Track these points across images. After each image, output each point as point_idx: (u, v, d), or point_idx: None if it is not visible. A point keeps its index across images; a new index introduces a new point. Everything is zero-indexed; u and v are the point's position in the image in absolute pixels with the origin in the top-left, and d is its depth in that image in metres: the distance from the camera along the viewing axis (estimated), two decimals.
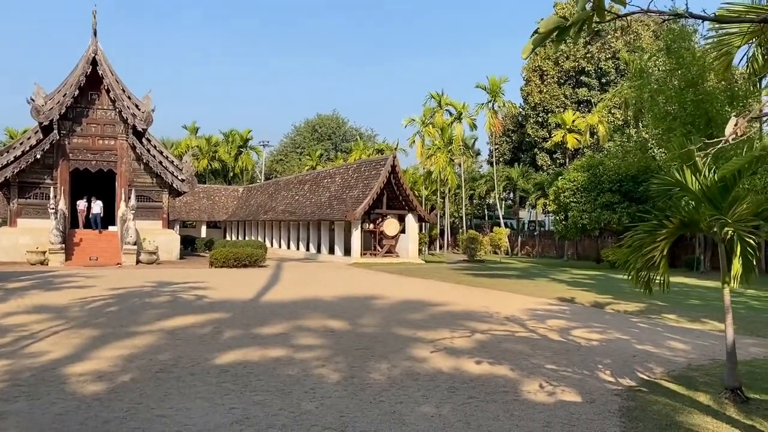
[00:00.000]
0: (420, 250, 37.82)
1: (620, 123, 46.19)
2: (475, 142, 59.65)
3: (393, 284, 21.02)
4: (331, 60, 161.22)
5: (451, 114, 52.03)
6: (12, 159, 30.06)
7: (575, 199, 32.57)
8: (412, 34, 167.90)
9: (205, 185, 60.59)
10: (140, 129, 31.88)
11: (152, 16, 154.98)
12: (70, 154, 31.36)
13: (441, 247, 54.43)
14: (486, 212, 67.06)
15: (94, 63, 31.22)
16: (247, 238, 50.44)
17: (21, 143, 31.98)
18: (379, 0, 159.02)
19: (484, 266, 33.10)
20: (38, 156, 30.03)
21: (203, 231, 55.52)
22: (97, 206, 32.23)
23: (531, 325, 12.13)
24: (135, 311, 13.17)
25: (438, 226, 52.72)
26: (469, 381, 7.56)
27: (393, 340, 10.28)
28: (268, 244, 44.02)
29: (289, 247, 44.38)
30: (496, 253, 45.33)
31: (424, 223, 42.81)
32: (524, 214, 65.39)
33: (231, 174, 74.58)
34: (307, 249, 41.03)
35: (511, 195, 61.02)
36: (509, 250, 48.33)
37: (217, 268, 27.39)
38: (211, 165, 71.88)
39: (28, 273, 22.37)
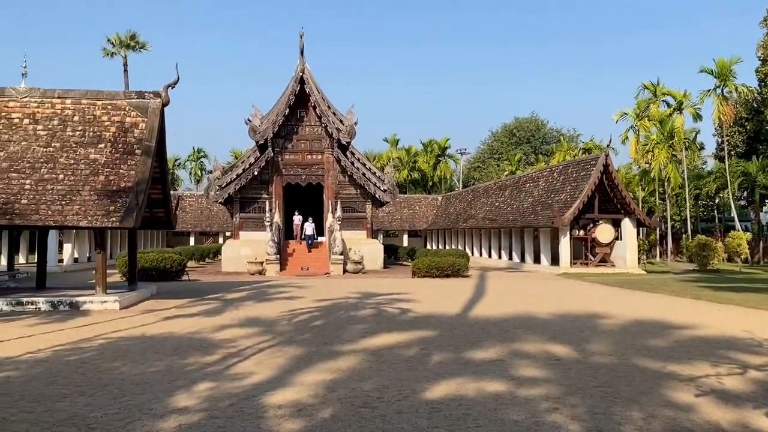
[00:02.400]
0: (638, 259, 33.84)
1: None
2: (696, 135, 52.65)
3: (615, 299, 18.43)
4: (528, 59, 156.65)
5: (668, 104, 46.52)
6: (234, 177, 32.58)
7: None
8: (614, 28, 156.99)
9: (406, 195, 61.43)
10: (344, 142, 32.71)
11: (353, 34, 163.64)
12: (283, 170, 33.13)
13: (661, 255, 48.83)
14: (715, 214, 59.08)
15: (301, 82, 32.71)
16: (447, 247, 49.83)
17: (242, 162, 34.63)
18: None
19: (723, 277, 28.42)
20: (255, 173, 32.15)
21: (405, 240, 56.17)
22: (310, 227, 32.57)
23: None
24: (340, 326, 12.60)
25: (657, 231, 47.35)
26: None
27: (638, 375, 8.24)
28: (468, 252, 42.83)
29: (490, 256, 42.75)
30: (731, 261, 39.22)
31: (641, 228, 38.53)
32: (761, 216, 56.37)
33: (430, 183, 75.08)
34: (510, 258, 39.05)
35: (745, 193, 52.97)
36: (749, 257, 41.58)
37: (419, 277, 26.77)
38: (411, 175, 73.02)
39: (246, 283, 23.59)
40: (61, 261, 32.50)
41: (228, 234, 49.82)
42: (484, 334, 11.59)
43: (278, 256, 29.68)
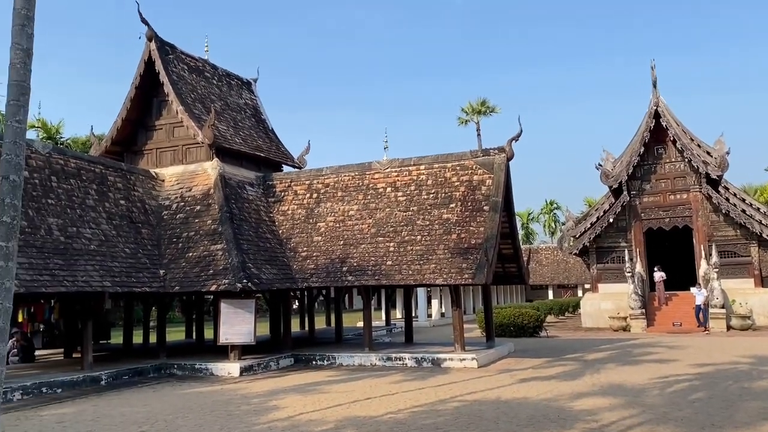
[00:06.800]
0: None
1: None
2: None
3: None
4: None
5: None
6: (588, 226, 31.00)
7: None
8: None
9: None
10: (714, 177, 28.38)
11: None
12: (642, 214, 30.23)
13: None
14: None
15: (656, 116, 29.80)
16: None
17: (596, 209, 32.91)
18: None
19: None
20: (611, 220, 29.97)
21: None
22: (701, 296, 25.51)
23: None
24: (730, 402, 10.07)
25: None
26: None
27: None
28: None
29: None
30: None
31: None
32: None
33: None
34: None
35: None
36: None
37: None
38: None
39: (608, 341, 21.55)
40: (430, 316, 35.00)
41: (586, 286, 47.75)
42: None
43: (643, 310, 26.75)
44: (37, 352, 18.83)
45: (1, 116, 25.17)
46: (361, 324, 22.50)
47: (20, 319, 19.90)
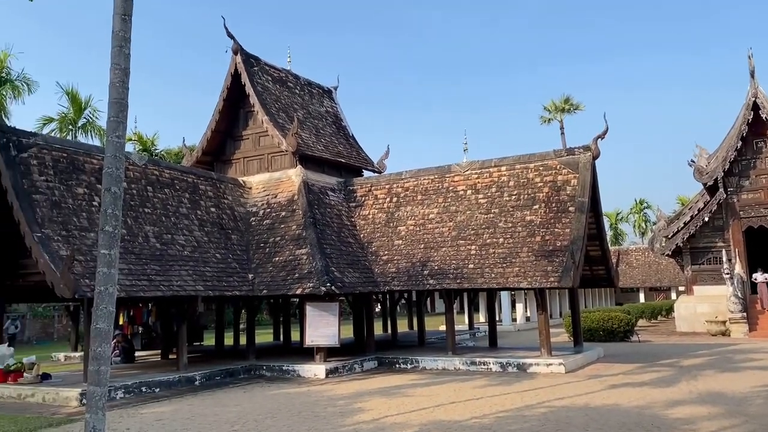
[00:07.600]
0: None
1: None
2: None
3: None
4: None
5: None
6: (681, 225, 29.54)
7: None
8: None
9: None
10: None
11: None
12: (741, 212, 28.46)
13: None
14: None
15: (755, 108, 28.02)
16: None
17: (689, 208, 31.29)
18: None
19: None
20: (706, 219, 28.43)
21: None
22: None
23: None
24: None
25: None
26: None
27: None
28: None
29: None
30: None
31: None
32: None
33: None
34: None
35: None
36: None
37: None
38: None
39: (705, 346, 20.41)
40: (514, 320, 34.36)
41: (681, 289, 45.46)
42: None
43: (744, 314, 25.14)
44: (136, 353, 19.93)
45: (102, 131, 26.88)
46: (443, 327, 22.44)
47: (121, 322, 21.18)
